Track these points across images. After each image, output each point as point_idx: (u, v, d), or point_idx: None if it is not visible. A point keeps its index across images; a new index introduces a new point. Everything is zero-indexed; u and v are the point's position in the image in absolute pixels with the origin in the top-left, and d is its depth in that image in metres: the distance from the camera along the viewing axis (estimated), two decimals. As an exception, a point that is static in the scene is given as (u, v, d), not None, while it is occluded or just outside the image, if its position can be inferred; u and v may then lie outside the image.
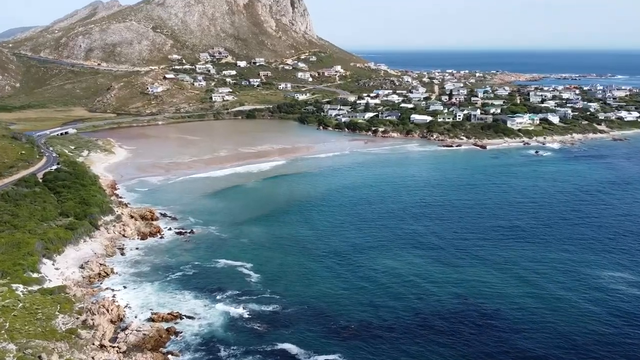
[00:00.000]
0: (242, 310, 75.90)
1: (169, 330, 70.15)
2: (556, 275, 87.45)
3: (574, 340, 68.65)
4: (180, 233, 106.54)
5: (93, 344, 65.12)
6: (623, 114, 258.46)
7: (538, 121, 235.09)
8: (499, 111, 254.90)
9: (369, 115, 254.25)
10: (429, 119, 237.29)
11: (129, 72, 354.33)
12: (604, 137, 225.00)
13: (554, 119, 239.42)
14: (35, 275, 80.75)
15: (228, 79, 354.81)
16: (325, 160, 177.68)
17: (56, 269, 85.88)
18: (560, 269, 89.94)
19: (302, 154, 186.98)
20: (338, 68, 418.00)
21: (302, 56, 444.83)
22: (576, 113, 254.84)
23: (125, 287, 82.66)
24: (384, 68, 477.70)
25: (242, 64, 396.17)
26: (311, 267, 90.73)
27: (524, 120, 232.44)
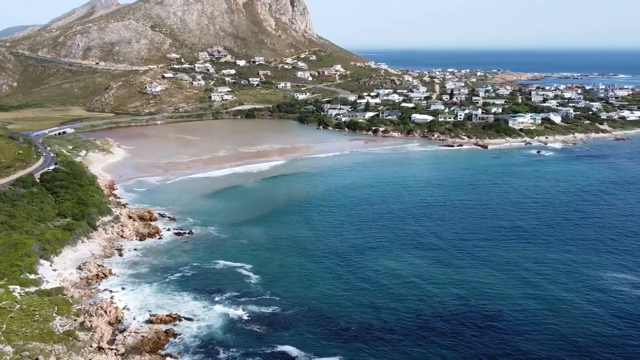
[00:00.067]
0: (242, 311, 75.45)
1: (167, 332, 69.80)
2: (558, 276, 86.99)
3: (576, 342, 68.32)
4: (179, 234, 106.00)
5: (91, 346, 64.87)
6: (625, 113, 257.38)
7: (540, 121, 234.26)
8: (501, 111, 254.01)
9: (369, 114, 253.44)
10: (429, 118, 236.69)
11: (128, 72, 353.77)
12: (607, 137, 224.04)
13: (556, 118, 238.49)
14: (32, 276, 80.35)
15: (227, 78, 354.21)
16: (325, 160, 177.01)
17: (54, 270, 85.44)
18: (563, 270, 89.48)
19: (302, 154, 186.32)
20: (338, 67, 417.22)
21: (302, 55, 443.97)
22: (578, 112, 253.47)
23: (123, 289, 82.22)
24: (385, 67, 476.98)
25: (242, 63, 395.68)
26: (311, 268, 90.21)
27: (525, 120, 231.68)
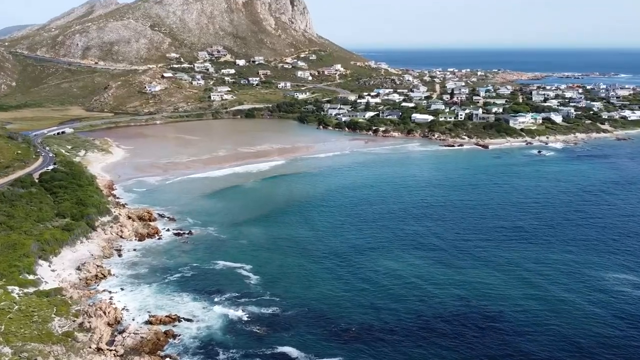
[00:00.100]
0: (242, 312, 75.11)
1: (167, 333, 69.45)
2: (560, 277, 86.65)
3: (578, 343, 68.04)
4: (179, 234, 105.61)
5: (90, 347, 64.55)
6: (627, 113, 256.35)
7: (541, 120, 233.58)
8: (501, 110, 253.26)
9: (369, 114, 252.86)
10: (430, 118, 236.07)
11: (127, 71, 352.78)
12: (608, 137, 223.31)
13: (557, 118, 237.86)
14: (31, 277, 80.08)
15: (227, 78, 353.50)
16: (325, 160, 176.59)
17: (52, 271, 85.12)
18: (564, 270, 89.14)
19: (302, 154, 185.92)
20: (338, 67, 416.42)
21: (302, 55, 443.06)
22: (579, 112, 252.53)
23: (122, 289, 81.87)
24: (385, 67, 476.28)
25: (241, 62, 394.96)
26: (311, 269, 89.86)
27: (526, 120, 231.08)
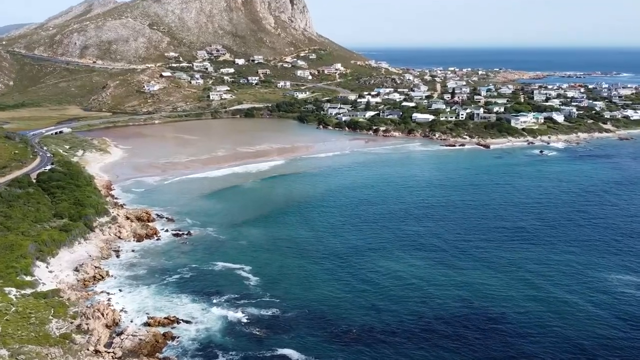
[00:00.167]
0: (241, 314, 74.63)
1: (165, 335, 69.02)
2: (562, 278, 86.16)
3: (580, 344, 67.68)
4: (177, 235, 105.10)
5: (88, 350, 64.17)
6: (629, 112, 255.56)
7: (542, 120, 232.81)
8: (503, 110, 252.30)
9: (369, 114, 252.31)
10: (431, 117, 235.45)
11: (125, 70, 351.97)
12: (610, 137, 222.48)
13: (559, 117, 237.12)
14: (28, 278, 79.63)
15: (226, 77, 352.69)
16: (325, 160, 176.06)
17: (50, 272, 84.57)
18: (566, 271, 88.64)
19: (302, 154, 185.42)
20: (338, 66, 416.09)
21: (302, 54, 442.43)
22: (581, 112, 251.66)
23: (120, 291, 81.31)
24: (385, 66, 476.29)
25: (241, 61, 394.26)
26: (311, 270, 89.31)
27: (528, 119, 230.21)
